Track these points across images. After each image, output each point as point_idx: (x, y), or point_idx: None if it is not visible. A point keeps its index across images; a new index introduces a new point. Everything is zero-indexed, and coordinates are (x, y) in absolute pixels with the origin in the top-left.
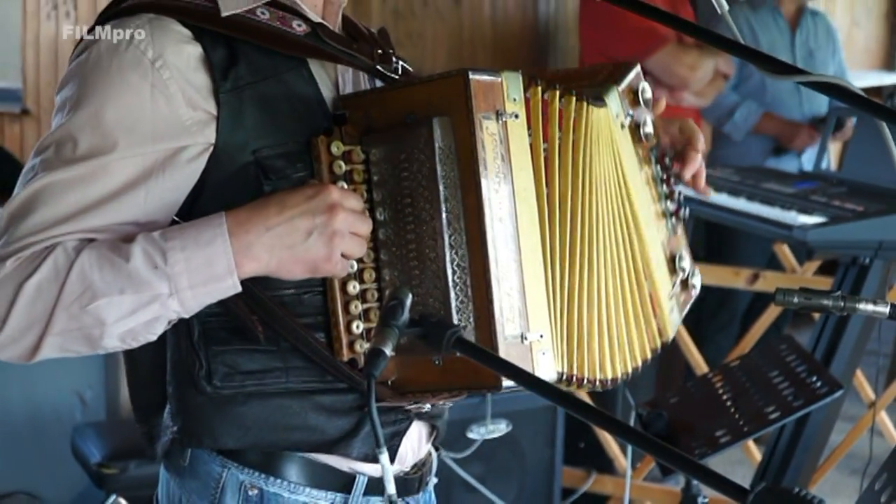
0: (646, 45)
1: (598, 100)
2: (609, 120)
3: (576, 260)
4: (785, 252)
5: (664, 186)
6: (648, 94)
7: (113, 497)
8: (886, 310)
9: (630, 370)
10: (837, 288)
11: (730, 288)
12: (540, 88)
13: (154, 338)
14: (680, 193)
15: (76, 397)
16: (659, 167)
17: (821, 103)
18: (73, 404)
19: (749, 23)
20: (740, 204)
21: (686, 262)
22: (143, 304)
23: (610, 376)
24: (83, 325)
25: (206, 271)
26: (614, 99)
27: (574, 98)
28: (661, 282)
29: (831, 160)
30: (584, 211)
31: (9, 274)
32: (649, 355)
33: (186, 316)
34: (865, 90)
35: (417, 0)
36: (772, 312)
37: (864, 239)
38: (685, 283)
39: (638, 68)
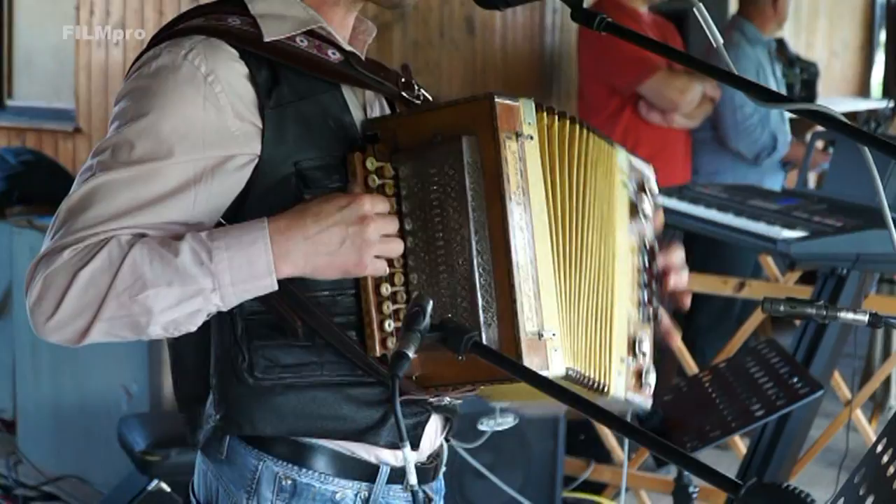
0: (639, 72)
1: (608, 141)
2: (614, 160)
3: (572, 266)
4: (769, 263)
5: (645, 276)
6: (655, 191)
7: (155, 482)
8: (865, 318)
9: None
10: (817, 296)
11: (727, 300)
12: (545, 114)
13: (194, 328)
14: (655, 300)
15: (122, 391)
16: (647, 259)
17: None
18: (119, 397)
19: (758, 59)
20: (728, 219)
21: (646, 350)
22: (188, 297)
23: (599, 378)
24: (132, 312)
25: (247, 270)
26: (623, 155)
27: (579, 126)
28: (617, 340)
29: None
30: (587, 223)
31: (65, 262)
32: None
33: (225, 310)
34: (843, 115)
35: (434, 32)
36: (756, 318)
37: (842, 252)
38: (639, 375)
39: (651, 171)
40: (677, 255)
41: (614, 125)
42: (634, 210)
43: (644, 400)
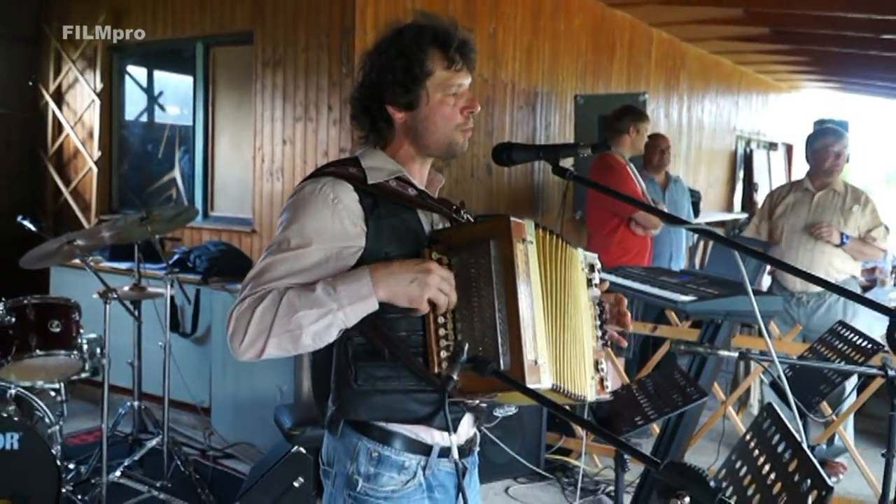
0: (634, 207)
1: (573, 246)
2: (576, 257)
3: (556, 320)
4: (672, 315)
5: (598, 321)
6: (598, 268)
7: (296, 447)
8: (736, 354)
9: (583, 394)
10: (702, 337)
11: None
12: (540, 231)
13: (331, 339)
14: (607, 333)
15: (277, 389)
16: (599, 310)
17: (681, 233)
18: (275, 393)
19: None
20: (647, 288)
21: (604, 366)
22: (323, 315)
23: (578, 392)
24: (290, 329)
25: (357, 293)
26: (580, 253)
27: (558, 238)
28: (588, 364)
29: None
30: (565, 297)
31: (247, 305)
32: (578, 400)
33: (348, 325)
34: (716, 222)
35: (467, 173)
36: (664, 349)
37: (718, 309)
38: (601, 382)
39: (596, 257)
40: (619, 303)
41: (613, 236)
42: (589, 283)
43: (606, 396)
